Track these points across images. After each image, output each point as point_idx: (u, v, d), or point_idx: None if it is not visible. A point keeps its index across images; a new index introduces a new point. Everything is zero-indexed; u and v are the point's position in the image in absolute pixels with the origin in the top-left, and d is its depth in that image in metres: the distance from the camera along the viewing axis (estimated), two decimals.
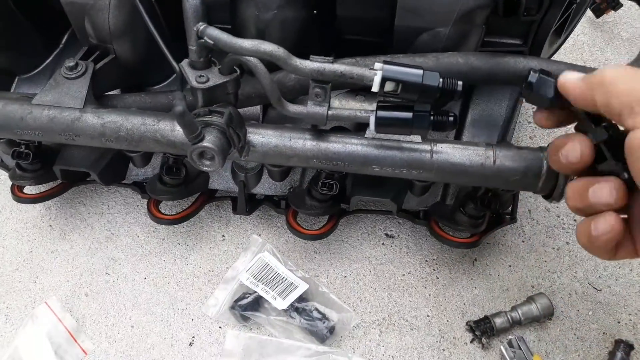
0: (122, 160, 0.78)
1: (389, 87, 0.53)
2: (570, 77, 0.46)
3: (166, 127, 0.61)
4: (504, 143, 0.69)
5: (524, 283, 0.81)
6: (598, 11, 1.04)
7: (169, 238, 0.85)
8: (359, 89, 0.71)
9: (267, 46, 0.53)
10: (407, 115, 0.55)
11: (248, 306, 0.76)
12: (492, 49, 0.66)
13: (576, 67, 0.59)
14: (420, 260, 0.83)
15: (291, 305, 0.76)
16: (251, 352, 0.73)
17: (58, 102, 0.63)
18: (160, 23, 0.69)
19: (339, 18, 0.67)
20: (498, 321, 0.75)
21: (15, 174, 0.76)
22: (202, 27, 0.54)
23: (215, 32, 0.54)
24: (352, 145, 0.61)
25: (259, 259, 0.80)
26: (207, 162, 0.55)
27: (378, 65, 0.53)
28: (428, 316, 0.78)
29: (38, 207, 0.89)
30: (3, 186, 0.92)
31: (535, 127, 0.98)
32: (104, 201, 0.89)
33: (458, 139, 0.72)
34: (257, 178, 0.77)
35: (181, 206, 0.85)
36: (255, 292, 0.77)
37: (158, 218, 0.79)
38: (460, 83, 0.53)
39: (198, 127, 0.52)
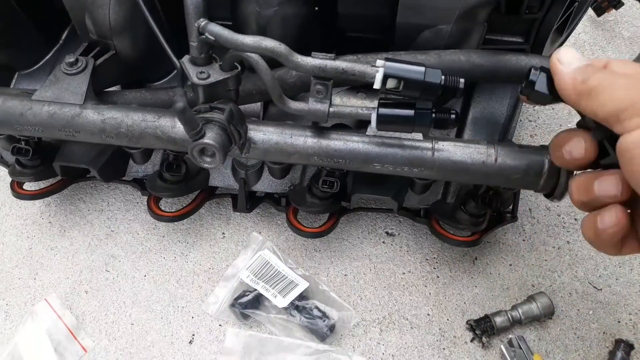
0: (122, 156, 0.78)
1: (391, 85, 0.53)
2: (563, 84, 0.46)
3: (167, 124, 0.61)
4: (506, 141, 0.69)
5: (525, 282, 0.81)
6: (599, 10, 1.04)
7: (169, 235, 0.85)
8: (360, 86, 0.71)
9: (269, 42, 0.52)
10: (409, 112, 0.55)
11: (248, 304, 0.76)
12: (494, 47, 0.66)
13: None
14: (420, 258, 0.83)
15: (291, 303, 0.76)
16: (251, 350, 0.73)
17: (58, 98, 0.63)
18: (160, 19, 0.69)
19: (340, 15, 0.67)
20: (498, 320, 0.75)
21: (14, 170, 0.76)
22: (204, 23, 0.54)
23: (216, 28, 0.53)
24: (354, 142, 0.60)
25: (259, 257, 0.80)
26: (208, 159, 0.55)
27: (380, 62, 0.53)
28: (428, 315, 0.78)
29: (38, 204, 0.89)
30: (2, 182, 0.91)
31: (536, 126, 0.98)
32: (104, 198, 0.89)
33: (459, 137, 0.72)
34: (258, 175, 0.77)
35: (181, 203, 0.85)
36: (255, 290, 0.77)
37: (158, 215, 0.79)
38: (462, 80, 0.53)
39: (199, 124, 0.52)
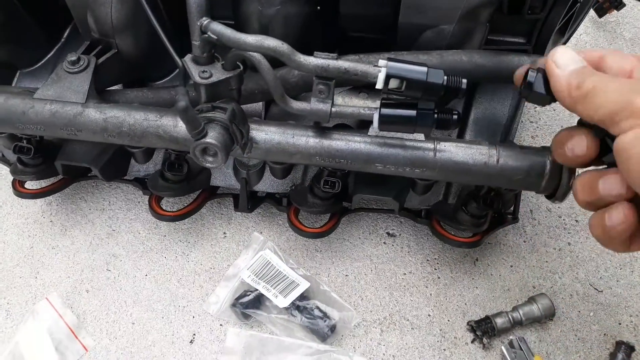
0: (124, 156, 0.78)
1: (393, 85, 0.53)
2: (559, 87, 0.46)
3: (169, 123, 0.61)
4: (507, 142, 0.69)
5: (525, 283, 0.80)
6: (601, 10, 1.03)
7: (170, 235, 0.85)
8: (362, 87, 0.71)
9: (271, 42, 0.52)
10: (411, 113, 0.55)
11: (249, 304, 0.76)
12: (496, 47, 0.66)
13: None
14: (421, 259, 0.83)
15: (292, 303, 0.75)
16: (252, 350, 0.73)
17: (60, 97, 0.63)
18: (163, 17, 0.69)
19: (342, 15, 0.67)
20: (499, 321, 0.74)
21: (16, 169, 0.75)
22: (206, 22, 0.54)
23: (219, 27, 0.54)
24: (355, 142, 0.60)
25: (261, 257, 0.80)
26: (210, 159, 0.55)
27: (382, 62, 0.53)
28: (429, 316, 0.78)
29: (39, 203, 0.89)
30: (4, 181, 0.91)
31: (537, 127, 0.97)
32: (105, 197, 0.89)
33: (460, 138, 0.72)
34: (259, 175, 0.77)
35: (183, 203, 0.85)
36: (256, 290, 0.77)
37: (159, 214, 0.79)
38: (464, 81, 0.53)
39: (201, 123, 0.52)
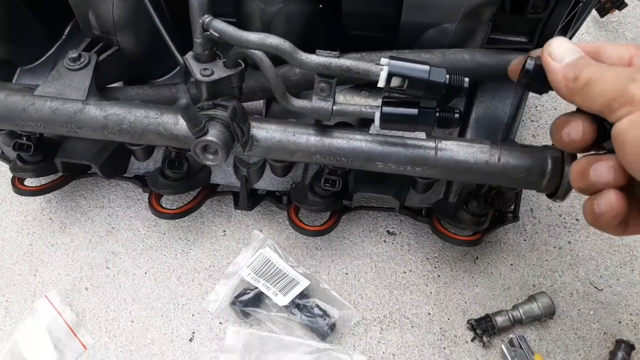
0: (124, 153, 0.78)
1: (395, 83, 0.53)
2: (555, 79, 0.46)
3: (169, 120, 0.61)
4: (509, 141, 0.69)
5: (526, 282, 0.81)
6: (602, 10, 1.03)
7: (170, 232, 0.85)
8: (364, 85, 0.71)
9: (273, 39, 0.52)
10: (413, 111, 0.54)
11: (249, 302, 0.76)
12: (498, 47, 0.66)
13: None
14: (421, 257, 0.83)
15: (292, 301, 0.75)
16: (252, 349, 0.73)
17: (60, 94, 0.63)
18: (164, 15, 0.68)
19: (345, 13, 0.67)
20: (499, 320, 0.75)
21: (16, 166, 0.75)
22: (208, 20, 0.54)
23: (220, 25, 0.53)
24: (356, 141, 0.60)
25: (260, 255, 0.80)
26: (211, 156, 0.55)
27: (384, 60, 0.53)
28: (429, 314, 0.78)
29: (38, 200, 0.88)
30: (3, 178, 0.91)
31: (538, 126, 0.97)
32: (105, 194, 0.89)
33: (462, 136, 0.72)
34: (260, 173, 0.77)
35: (182, 200, 0.85)
36: (256, 288, 0.77)
37: (159, 212, 0.79)
38: (466, 80, 0.53)
39: (202, 121, 0.52)
